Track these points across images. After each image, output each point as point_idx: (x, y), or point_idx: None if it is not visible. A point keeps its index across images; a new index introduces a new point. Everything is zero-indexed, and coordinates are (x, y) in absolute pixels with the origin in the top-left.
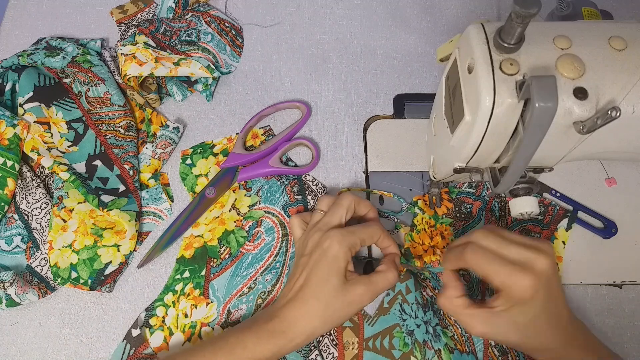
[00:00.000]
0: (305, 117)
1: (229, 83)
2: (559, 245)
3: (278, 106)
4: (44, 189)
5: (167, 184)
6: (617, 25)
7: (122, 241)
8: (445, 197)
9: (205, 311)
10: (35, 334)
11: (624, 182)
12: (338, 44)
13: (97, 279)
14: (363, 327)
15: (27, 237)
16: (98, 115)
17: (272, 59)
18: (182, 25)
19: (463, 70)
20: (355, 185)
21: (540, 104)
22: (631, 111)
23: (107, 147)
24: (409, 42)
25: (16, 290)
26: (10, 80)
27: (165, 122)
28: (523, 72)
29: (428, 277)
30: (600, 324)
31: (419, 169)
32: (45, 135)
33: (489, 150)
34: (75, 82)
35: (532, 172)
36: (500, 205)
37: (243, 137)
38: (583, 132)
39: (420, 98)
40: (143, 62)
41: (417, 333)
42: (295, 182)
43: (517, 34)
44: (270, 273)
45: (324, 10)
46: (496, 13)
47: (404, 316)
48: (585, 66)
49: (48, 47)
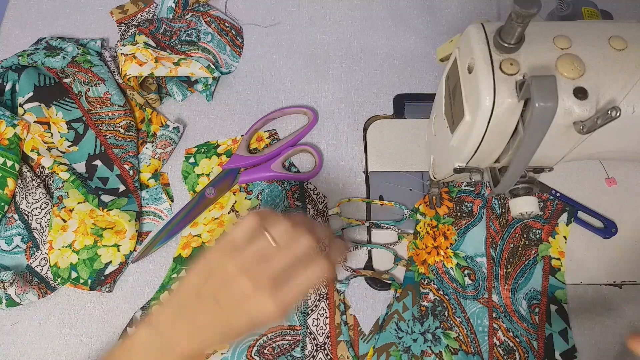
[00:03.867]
0: (311, 124)
1: (229, 83)
2: (560, 240)
3: (285, 111)
4: (44, 189)
5: (167, 184)
6: (617, 25)
7: (122, 241)
8: (446, 197)
9: None
10: (35, 334)
11: (624, 182)
12: (338, 44)
13: (97, 279)
14: (358, 343)
15: (27, 237)
16: (98, 115)
17: (272, 59)
18: (182, 25)
19: (463, 70)
20: (355, 185)
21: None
22: (631, 111)
23: (107, 147)
24: (409, 42)
25: (16, 290)
26: (10, 80)
27: (165, 122)
28: (523, 72)
29: (432, 279)
30: (600, 324)
31: (419, 169)
32: (45, 135)
33: (489, 150)
34: (75, 82)
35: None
36: (500, 202)
37: (247, 139)
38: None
39: (420, 98)
40: (143, 62)
41: (414, 347)
42: (296, 188)
43: (517, 34)
44: None
45: (324, 10)
46: (496, 13)
47: (399, 334)
48: (585, 66)
49: (48, 47)
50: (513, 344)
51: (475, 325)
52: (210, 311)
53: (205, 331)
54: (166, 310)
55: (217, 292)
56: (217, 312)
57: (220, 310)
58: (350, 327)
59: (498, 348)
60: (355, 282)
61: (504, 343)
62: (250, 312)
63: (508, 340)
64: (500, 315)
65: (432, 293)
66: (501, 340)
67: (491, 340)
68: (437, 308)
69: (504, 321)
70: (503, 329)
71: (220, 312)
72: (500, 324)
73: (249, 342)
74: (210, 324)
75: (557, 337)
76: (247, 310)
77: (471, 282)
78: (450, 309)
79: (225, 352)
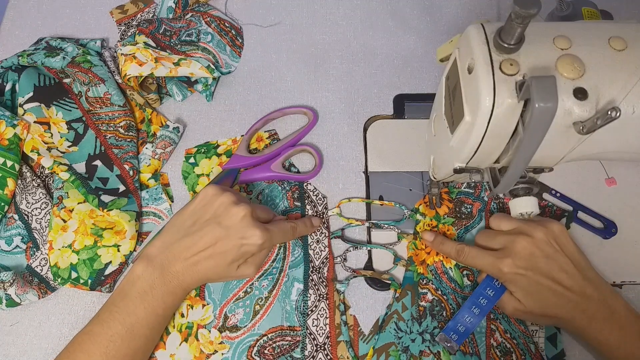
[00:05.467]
0: (311, 124)
1: (229, 83)
2: None
3: (285, 111)
4: (44, 189)
5: (167, 184)
6: (617, 26)
7: (122, 241)
8: (446, 197)
9: (202, 313)
10: (35, 334)
11: (624, 182)
12: (338, 44)
13: (97, 279)
14: (358, 343)
15: (27, 237)
16: (98, 115)
17: (272, 59)
18: (182, 25)
19: (463, 70)
20: (355, 185)
21: (540, 104)
22: (631, 111)
23: (107, 147)
24: (409, 42)
25: (16, 290)
26: (10, 80)
27: (165, 122)
28: (523, 73)
29: (431, 279)
30: None
31: (419, 169)
32: (45, 135)
33: (489, 150)
34: (75, 82)
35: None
36: (499, 206)
37: (247, 140)
38: (583, 132)
39: (420, 98)
40: (143, 62)
41: (412, 347)
42: (296, 188)
43: (517, 34)
44: (266, 279)
45: (324, 10)
46: (496, 13)
47: (399, 334)
48: (585, 66)
49: (48, 47)
50: (510, 345)
51: None
52: (211, 231)
53: (201, 251)
54: (157, 241)
55: (219, 216)
56: (216, 229)
57: (218, 228)
58: (350, 328)
59: (495, 349)
60: (355, 282)
61: (501, 344)
62: (245, 230)
63: (505, 341)
64: (498, 317)
65: (431, 293)
66: (498, 342)
67: (488, 341)
68: (435, 308)
69: (501, 322)
70: (500, 330)
71: (218, 229)
72: (497, 325)
73: (249, 343)
74: (209, 242)
75: (546, 342)
76: (243, 227)
77: (470, 283)
78: (449, 309)
79: (225, 352)
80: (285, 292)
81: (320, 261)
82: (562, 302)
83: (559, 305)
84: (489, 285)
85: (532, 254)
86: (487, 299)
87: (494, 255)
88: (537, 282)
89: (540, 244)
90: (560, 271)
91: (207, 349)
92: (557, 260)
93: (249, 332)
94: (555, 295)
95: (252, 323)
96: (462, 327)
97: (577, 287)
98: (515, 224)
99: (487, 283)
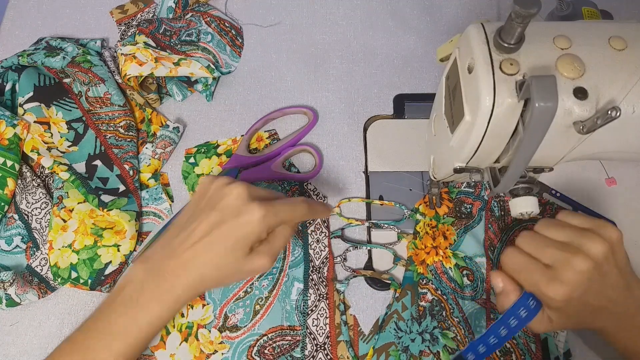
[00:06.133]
0: (311, 124)
1: (229, 83)
2: None
3: (285, 111)
4: (44, 189)
5: (167, 184)
6: (617, 25)
7: (122, 241)
8: (446, 197)
9: (202, 313)
10: (35, 334)
11: (624, 182)
12: (338, 44)
13: (97, 279)
14: (358, 343)
15: (27, 237)
16: (98, 115)
17: (272, 59)
18: (182, 25)
19: (463, 70)
20: (355, 185)
21: (540, 104)
22: (631, 111)
23: (107, 147)
24: (409, 42)
25: (16, 290)
26: (10, 80)
27: (165, 122)
28: (523, 72)
29: (431, 279)
30: None
31: (419, 169)
32: (45, 135)
33: (489, 150)
34: (75, 82)
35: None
36: (499, 205)
37: (247, 139)
38: (583, 132)
39: (420, 98)
40: (143, 62)
41: (412, 347)
42: (296, 188)
43: (517, 34)
44: (266, 279)
45: (324, 10)
46: (496, 13)
47: (399, 334)
48: (585, 66)
49: (48, 47)
50: (510, 345)
51: (473, 326)
52: (206, 217)
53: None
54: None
55: (213, 200)
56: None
57: (213, 212)
58: (350, 327)
59: None
60: (355, 282)
61: None
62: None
63: None
64: (498, 317)
65: (430, 293)
66: None
67: None
68: (434, 308)
69: None
70: None
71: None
72: None
73: (250, 342)
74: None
75: (552, 340)
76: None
77: (469, 283)
78: (448, 309)
79: (225, 352)
80: (286, 291)
81: (320, 261)
82: (601, 316)
83: (597, 320)
84: (524, 305)
85: (590, 279)
86: (518, 319)
87: (542, 274)
88: (584, 303)
89: (599, 264)
90: (610, 287)
91: (207, 349)
92: (611, 277)
93: (249, 331)
94: (596, 311)
95: (252, 323)
96: (483, 348)
97: (622, 298)
98: (568, 234)
99: (522, 302)
